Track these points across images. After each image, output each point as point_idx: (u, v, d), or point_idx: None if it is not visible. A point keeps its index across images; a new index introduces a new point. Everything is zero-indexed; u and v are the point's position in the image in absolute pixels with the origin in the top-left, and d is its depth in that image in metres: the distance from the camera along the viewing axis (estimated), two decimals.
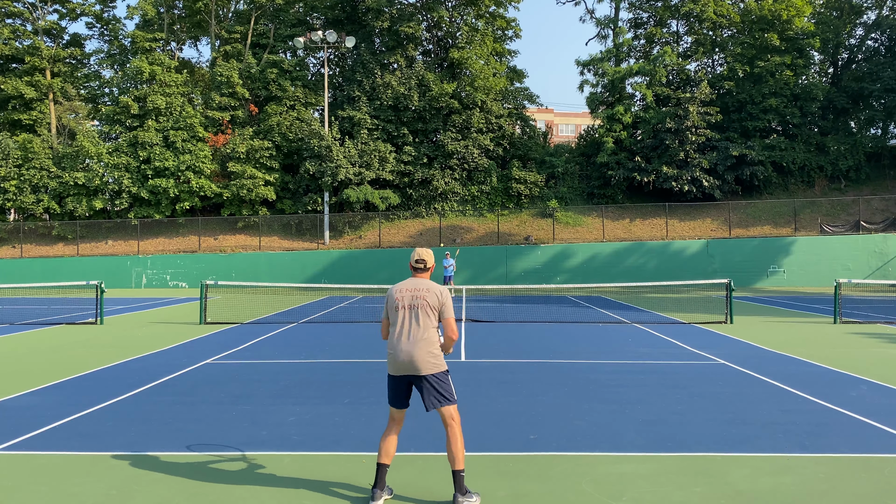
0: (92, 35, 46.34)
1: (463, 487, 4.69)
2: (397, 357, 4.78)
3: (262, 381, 9.13)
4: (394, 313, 4.88)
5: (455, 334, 4.90)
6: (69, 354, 11.60)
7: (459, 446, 4.73)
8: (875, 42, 43.85)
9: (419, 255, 5.02)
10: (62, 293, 30.79)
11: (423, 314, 4.80)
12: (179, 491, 4.98)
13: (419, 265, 5.01)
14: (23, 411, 7.45)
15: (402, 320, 4.82)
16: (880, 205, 36.98)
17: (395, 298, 4.88)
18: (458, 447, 4.72)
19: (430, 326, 4.81)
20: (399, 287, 4.94)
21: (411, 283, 4.93)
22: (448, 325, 4.87)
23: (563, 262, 34.58)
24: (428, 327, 4.80)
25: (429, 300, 4.82)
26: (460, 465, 4.70)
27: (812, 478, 5.22)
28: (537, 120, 55.20)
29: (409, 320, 4.81)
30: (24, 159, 39.05)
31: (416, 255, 5.02)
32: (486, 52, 41.12)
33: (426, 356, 4.75)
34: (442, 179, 39.29)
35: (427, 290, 4.86)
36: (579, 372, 9.68)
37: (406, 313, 4.82)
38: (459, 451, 4.72)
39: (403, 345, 4.76)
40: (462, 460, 4.73)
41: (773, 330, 14.82)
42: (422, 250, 5.06)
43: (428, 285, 4.90)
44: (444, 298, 4.87)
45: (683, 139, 38.02)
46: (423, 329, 4.78)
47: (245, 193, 38.18)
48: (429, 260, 5.03)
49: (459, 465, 4.71)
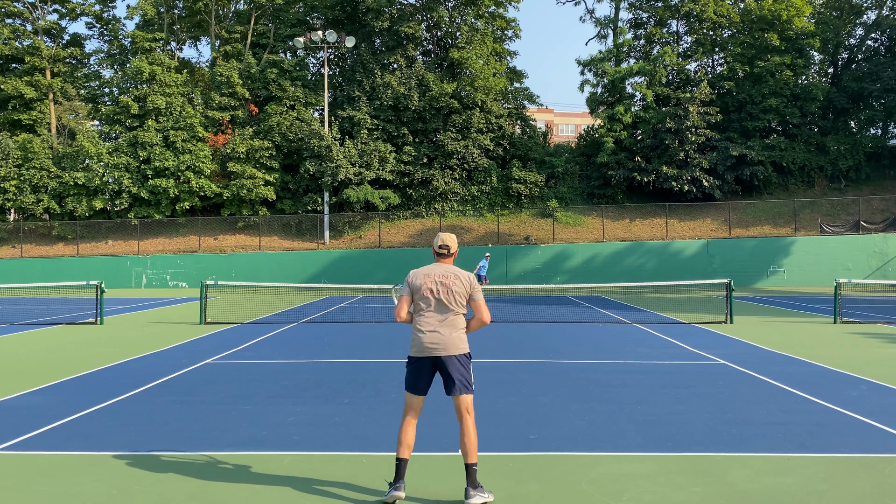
0: (92, 35, 46.38)
1: (476, 481, 4.69)
2: (425, 338, 4.79)
3: (262, 381, 9.13)
4: (420, 296, 4.87)
5: (487, 317, 4.94)
6: (69, 354, 11.60)
7: (473, 439, 4.74)
8: (875, 42, 43.86)
9: (443, 241, 4.99)
10: (62, 293, 30.79)
11: (451, 296, 4.81)
12: (179, 491, 4.98)
13: (443, 251, 4.99)
14: (23, 411, 7.45)
15: (432, 303, 4.83)
16: (880, 205, 36.98)
17: (421, 282, 4.87)
18: (472, 440, 4.74)
19: (460, 310, 4.86)
20: (425, 271, 4.92)
21: (438, 269, 4.91)
22: (479, 308, 4.91)
23: (563, 262, 34.58)
24: (457, 311, 4.84)
25: (457, 285, 4.84)
26: (473, 459, 4.71)
27: (812, 478, 5.21)
28: (537, 120, 55.20)
29: (439, 304, 4.82)
30: (24, 159, 39.05)
31: (440, 241, 5.00)
32: (486, 52, 41.13)
33: (455, 339, 4.79)
34: (442, 179, 39.29)
35: (455, 275, 4.89)
36: (579, 372, 9.68)
37: (435, 297, 4.82)
38: (473, 443, 4.73)
39: (426, 328, 4.80)
40: (475, 453, 4.73)
41: (773, 330, 14.81)
42: (445, 235, 5.03)
43: (455, 271, 4.91)
44: (473, 283, 4.93)
45: (683, 139, 38.02)
46: (451, 311, 4.81)
47: (245, 193, 38.19)
48: (452, 245, 5.01)
49: (472, 458, 4.71)
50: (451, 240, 5.02)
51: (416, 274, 4.93)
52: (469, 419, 4.77)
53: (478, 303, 4.91)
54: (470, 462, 4.70)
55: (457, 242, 5.10)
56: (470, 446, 4.72)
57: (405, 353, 11.53)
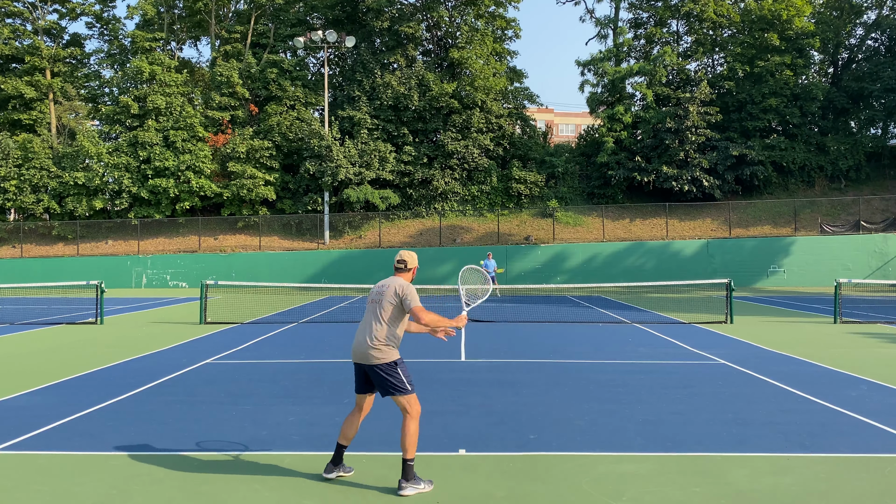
0: (92, 35, 46.35)
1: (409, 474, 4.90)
2: (353, 346, 5.22)
3: (262, 381, 9.13)
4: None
5: (424, 319, 5.06)
6: (69, 354, 11.60)
7: (409, 436, 4.93)
8: (875, 42, 43.85)
9: (400, 256, 5.36)
10: (62, 293, 30.79)
11: (379, 308, 5.12)
12: (179, 491, 4.98)
13: (399, 265, 5.35)
14: (23, 411, 7.45)
15: (366, 314, 5.23)
16: (880, 205, 36.98)
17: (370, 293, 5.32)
18: (408, 437, 4.94)
19: (383, 320, 5.07)
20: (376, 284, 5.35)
21: (384, 280, 5.31)
22: (414, 314, 5.06)
23: (563, 262, 34.58)
24: (380, 321, 5.07)
25: (386, 295, 5.11)
26: (409, 455, 4.93)
27: (812, 478, 5.22)
28: (537, 120, 55.13)
29: (367, 314, 5.21)
30: (24, 159, 39.04)
31: (399, 256, 5.37)
32: (486, 52, 41.13)
33: (369, 349, 5.05)
34: (442, 179, 39.29)
35: (389, 285, 5.18)
36: (579, 372, 9.68)
37: (368, 307, 5.24)
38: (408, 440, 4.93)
39: (357, 336, 5.20)
40: (410, 450, 4.93)
41: (773, 330, 14.81)
42: (404, 252, 5.42)
43: (393, 281, 5.19)
44: (405, 291, 5.08)
45: (683, 139, 38.02)
46: (375, 322, 5.10)
47: (245, 193, 38.19)
48: (409, 261, 5.34)
49: (408, 454, 4.94)
50: (408, 256, 5.35)
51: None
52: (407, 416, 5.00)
53: (413, 310, 5.04)
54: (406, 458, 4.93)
55: (416, 259, 5.36)
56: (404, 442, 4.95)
57: (404, 352, 11.50)
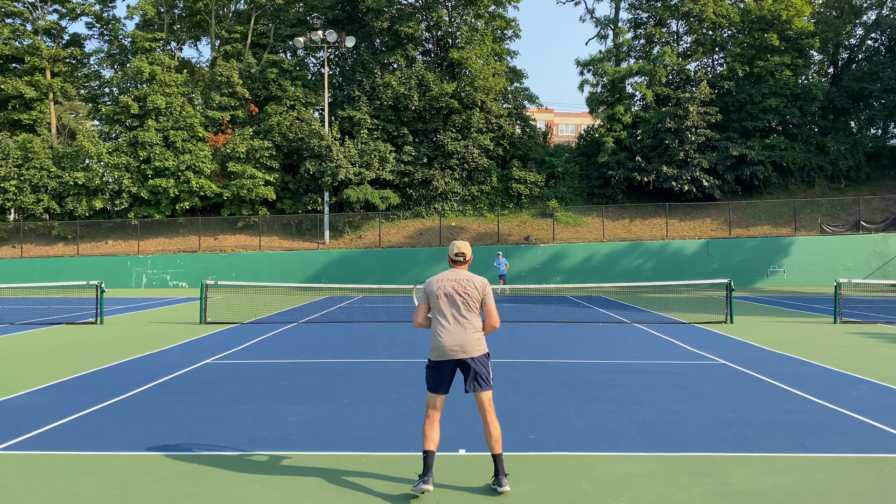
0: (92, 35, 46.35)
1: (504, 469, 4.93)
2: (444, 343, 5.00)
3: (262, 381, 9.13)
4: (436, 302, 5.11)
5: (497, 322, 5.21)
6: (69, 354, 11.60)
7: (494, 431, 4.97)
8: (875, 42, 43.84)
9: (458, 249, 5.24)
10: (62, 293, 30.79)
11: (466, 302, 5.06)
12: (179, 491, 4.98)
13: (458, 258, 5.24)
14: (23, 411, 7.45)
15: (447, 309, 5.06)
16: (880, 205, 36.98)
17: (436, 289, 5.12)
18: (494, 432, 4.97)
19: (474, 313, 5.08)
20: (440, 277, 5.17)
21: (452, 274, 5.17)
22: (490, 312, 5.15)
23: (563, 262, 34.58)
24: (473, 312, 5.08)
25: (470, 290, 5.08)
26: (498, 449, 4.94)
27: (812, 478, 5.22)
28: (537, 120, 55.18)
29: (448, 307, 5.05)
30: (24, 159, 39.04)
31: (456, 249, 5.24)
32: (486, 52, 41.13)
33: (474, 340, 5.02)
34: (442, 179, 39.29)
35: (468, 280, 5.12)
36: (579, 372, 9.68)
37: (450, 302, 5.06)
38: (496, 435, 4.96)
39: (447, 332, 5.01)
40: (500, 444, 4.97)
41: (773, 330, 14.81)
42: (460, 243, 5.28)
43: (468, 276, 5.16)
44: (485, 288, 5.14)
45: (683, 139, 38.02)
46: (469, 313, 5.06)
47: (245, 193, 38.19)
48: (467, 253, 5.27)
49: (497, 448, 4.94)
50: (466, 248, 5.27)
51: (432, 281, 5.20)
52: (490, 413, 5.00)
53: (489, 307, 5.16)
54: (496, 453, 4.94)
55: (471, 250, 5.33)
56: (494, 438, 4.95)
57: (405, 352, 11.55)
